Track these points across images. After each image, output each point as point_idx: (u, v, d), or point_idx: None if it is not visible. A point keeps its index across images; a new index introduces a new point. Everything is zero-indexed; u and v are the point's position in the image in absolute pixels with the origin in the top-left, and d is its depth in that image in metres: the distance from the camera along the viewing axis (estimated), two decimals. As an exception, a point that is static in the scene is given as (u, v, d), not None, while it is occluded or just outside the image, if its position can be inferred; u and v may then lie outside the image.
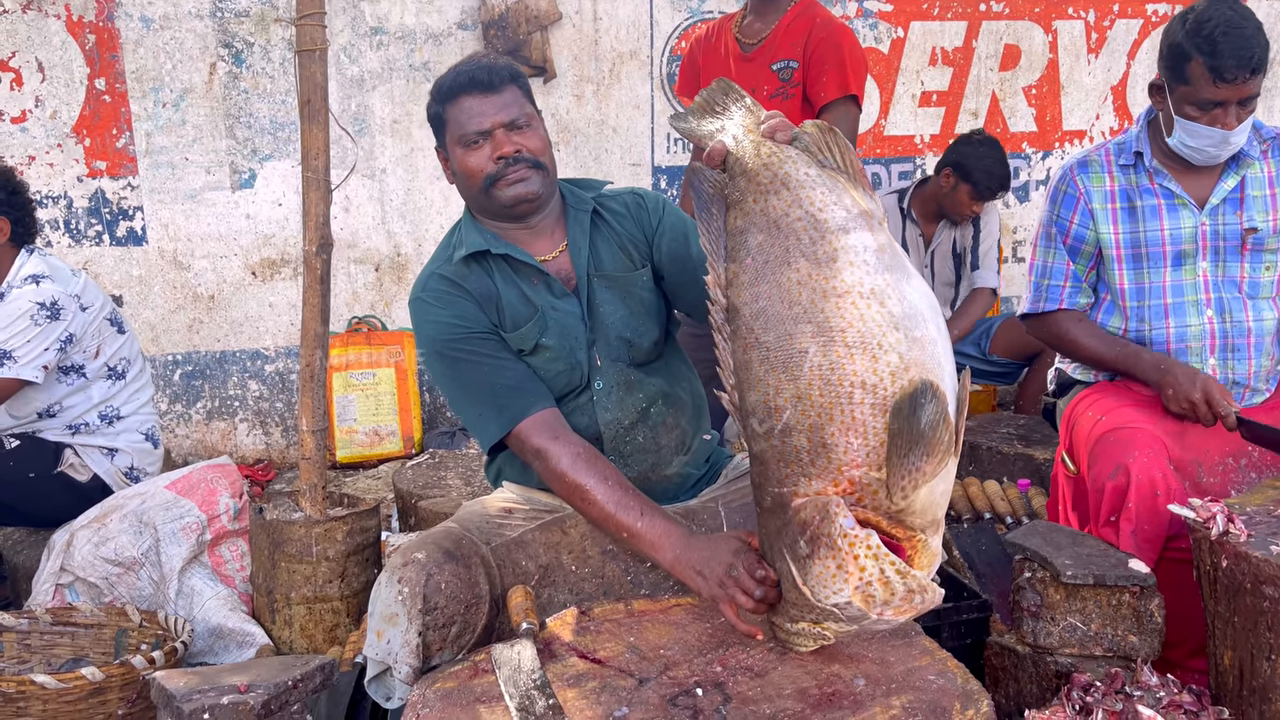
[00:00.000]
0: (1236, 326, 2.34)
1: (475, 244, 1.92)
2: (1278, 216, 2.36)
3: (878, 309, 1.44)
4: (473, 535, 1.85)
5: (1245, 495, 2.01)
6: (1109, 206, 2.38)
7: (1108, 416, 2.29)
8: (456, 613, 1.72)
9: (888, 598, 1.45)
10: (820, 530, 1.45)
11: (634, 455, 1.97)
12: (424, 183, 4.39)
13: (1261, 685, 1.80)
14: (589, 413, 1.95)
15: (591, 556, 1.94)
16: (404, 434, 4.31)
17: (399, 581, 1.71)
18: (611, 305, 1.96)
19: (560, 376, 1.93)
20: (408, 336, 4.38)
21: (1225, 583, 1.85)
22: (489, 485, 2.76)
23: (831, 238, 1.47)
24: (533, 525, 1.93)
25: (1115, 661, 2.03)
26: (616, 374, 1.96)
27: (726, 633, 1.70)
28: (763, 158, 1.55)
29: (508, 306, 1.92)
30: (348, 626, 2.59)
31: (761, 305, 1.49)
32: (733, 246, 1.54)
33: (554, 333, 1.92)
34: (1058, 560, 2.05)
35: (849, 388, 1.42)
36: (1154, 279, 2.37)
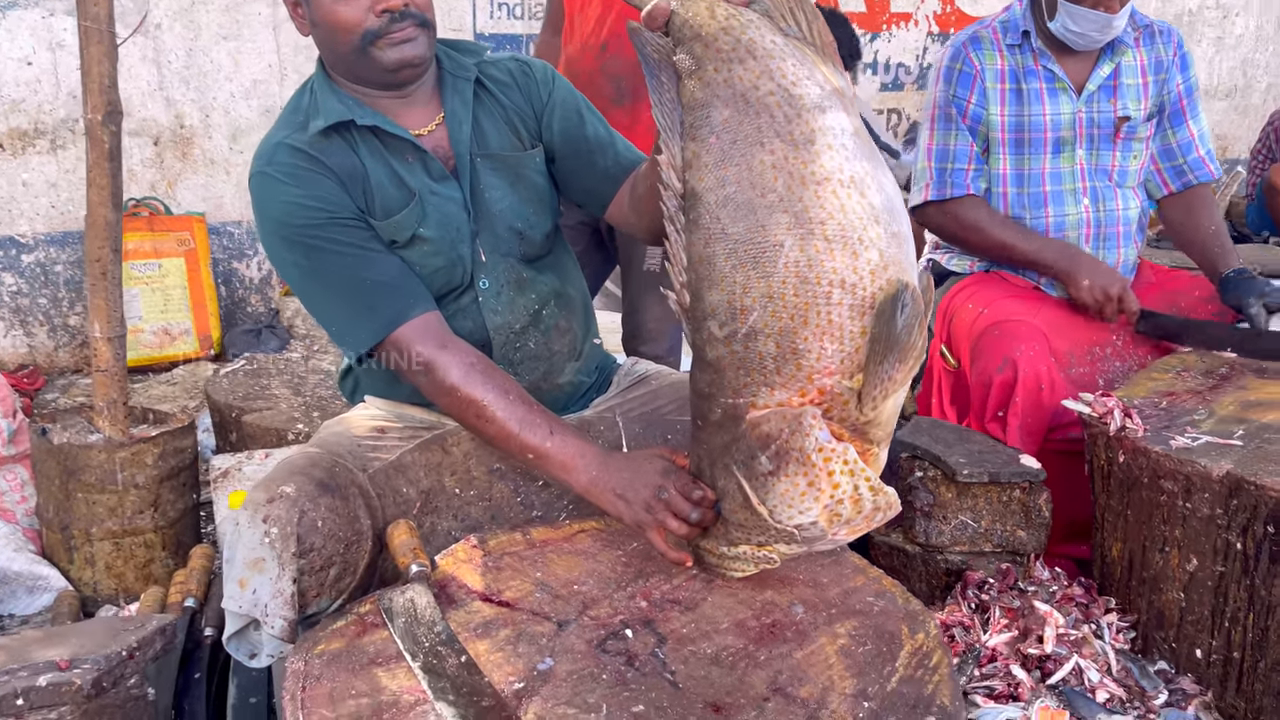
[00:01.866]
0: (1109, 215, 2.35)
1: (337, 113, 1.58)
2: (1148, 105, 2.36)
3: (858, 199, 1.27)
4: (345, 461, 1.58)
5: (1128, 387, 2.02)
6: (999, 86, 2.31)
7: (990, 309, 2.25)
8: (335, 553, 1.47)
9: (853, 516, 1.33)
10: (790, 444, 1.29)
11: (525, 363, 1.74)
12: (209, 42, 3.81)
13: (1153, 576, 1.83)
14: (474, 316, 1.69)
15: (477, 477, 1.72)
16: (200, 333, 3.83)
17: (265, 521, 1.42)
18: (499, 191, 1.69)
19: (439, 274, 1.65)
20: (197, 222, 3.86)
21: (1120, 477, 1.86)
22: (334, 399, 2.47)
23: (808, 116, 1.28)
24: (410, 445, 1.68)
25: (1003, 557, 2.03)
26: (505, 271, 1.71)
27: (644, 560, 1.54)
28: (720, 20, 1.32)
29: (378, 189, 1.61)
30: (165, 562, 2.25)
31: (729, 191, 1.28)
32: (691, 122, 1.32)
33: (433, 221, 1.63)
34: (950, 458, 2.00)
35: (827, 286, 1.26)
36: (1034, 166, 2.34)
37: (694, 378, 1.40)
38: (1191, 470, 1.71)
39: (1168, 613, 1.81)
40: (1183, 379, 2.06)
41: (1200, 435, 1.78)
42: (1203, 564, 1.74)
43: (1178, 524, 1.76)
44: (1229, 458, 1.70)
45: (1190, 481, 1.71)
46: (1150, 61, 2.36)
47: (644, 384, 1.87)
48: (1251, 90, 6.04)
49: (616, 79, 2.53)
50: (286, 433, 2.31)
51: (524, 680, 1.26)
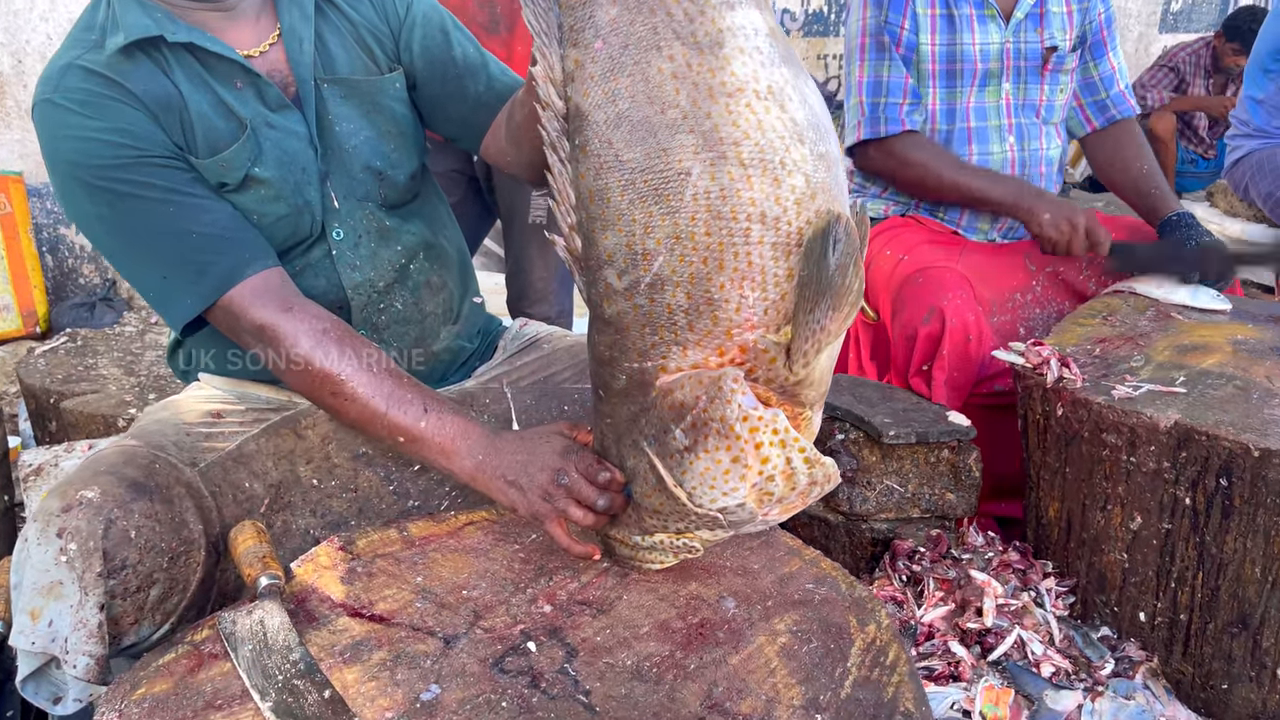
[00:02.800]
0: (1033, 154, 2.20)
1: (141, 27, 1.27)
2: (1073, 34, 2.22)
3: (778, 114, 1.04)
4: (169, 455, 1.29)
5: (1058, 334, 1.88)
6: (930, 11, 2.11)
7: (910, 256, 2.08)
8: (156, 568, 1.19)
9: (785, 493, 1.12)
10: (708, 414, 1.07)
11: (391, 327, 1.48)
12: (18, -23, 3.33)
13: (1093, 537, 1.70)
14: (327, 272, 1.42)
15: (338, 465, 1.45)
16: (22, 308, 3.39)
17: (60, 535, 1.13)
18: (352, 124, 1.41)
19: (282, 223, 1.36)
20: (14, 182, 3.40)
21: (1058, 432, 1.72)
22: (174, 379, 2.14)
23: (714, 14, 1.04)
24: (254, 431, 1.40)
25: (932, 522, 1.88)
26: (364, 219, 1.43)
27: (545, 555, 1.31)
28: None
29: (199, 120, 1.31)
30: (-29, 577, 1.90)
31: (622, 108, 1.04)
32: (572, 24, 1.07)
33: (271, 159, 1.34)
34: (875, 419, 1.83)
35: (745, 222, 1.03)
36: (963, 99, 2.17)
37: (592, 340, 1.17)
38: (1137, 421, 1.57)
39: (1109, 575, 1.69)
40: (1111, 324, 1.94)
41: (1141, 384, 1.65)
42: (1148, 522, 1.61)
43: (1121, 480, 1.63)
44: (1175, 407, 1.57)
45: (1135, 434, 1.58)
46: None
47: (535, 348, 1.63)
48: (1125, 39, 6.11)
49: (490, 4, 2.25)
50: (116, 419, 1.98)
51: (404, 714, 1.02)
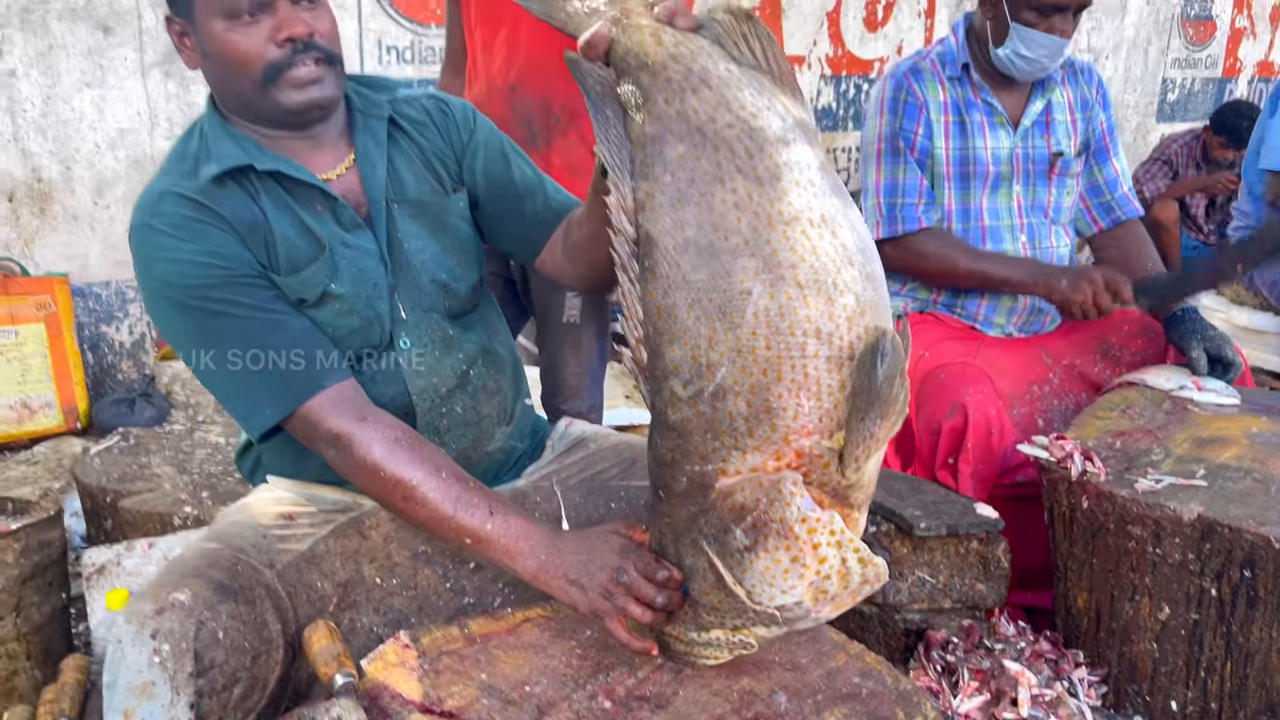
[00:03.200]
0: (1044, 252, 2.31)
1: (233, 157, 1.39)
2: (1077, 141, 2.35)
3: (830, 240, 1.14)
4: (249, 557, 1.37)
5: (1079, 428, 1.96)
6: (943, 118, 2.26)
7: (931, 351, 2.17)
8: (240, 667, 1.25)
9: (839, 591, 1.19)
10: (768, 515, 1.15)
11: (452, 430, 1.56)
12: (69, 89, 3.50)
13: (1123, 626, 1.75)
14: (394, 379, 1.51)
15: (399, 564, 1.52)
16: (64, 405, 3.48)
17: (154, 636, 1.20)
18: (419, 240, 1.51)
19: (354, 335, 1.46)
20: (59, 283, 3.52)
21: (1084, 524, 1.78)
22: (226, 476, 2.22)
23: (771, 150, 1.15)
24: (323, 532, 1.47)
25: (963, 612, 1.93)
26: (429, 329, 1.53)
27: (601, 651, 1.37)
28: (668, 48, 1.18)
29: (282, 241, 1.42)
30: (30, 674, 1.95)
31: (689, 235, 1.14)
32: (643, 160, 1.17)
33: (346, 276, 1.45)
34: (906, 512, 1.90)
35: (802, 337, 1.12)
36: (976, 200, 2.29)
37: (654, 443, 1.25)
38: (1161, 514, 1.64)
39: (1140, 664, 1.74)
40: (1129, 416, 2.01)
41: (1163, 477, 1.72)
42: (1175, 612, 1.67)
43: (1147, 571, 1.68)
44: (1197, 499, 1.64)
45: (1160, 526, 1.64)
46: (1076, 99, 2.36)
47: (581, 447, 1.71)
48: (1123, 130, 6.29)
49: (527, 120, 2.39)
50: (172, 517, 2.05)
51: (481, 811, 1.08)
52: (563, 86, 2.39)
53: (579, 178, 2.37)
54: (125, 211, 3.63)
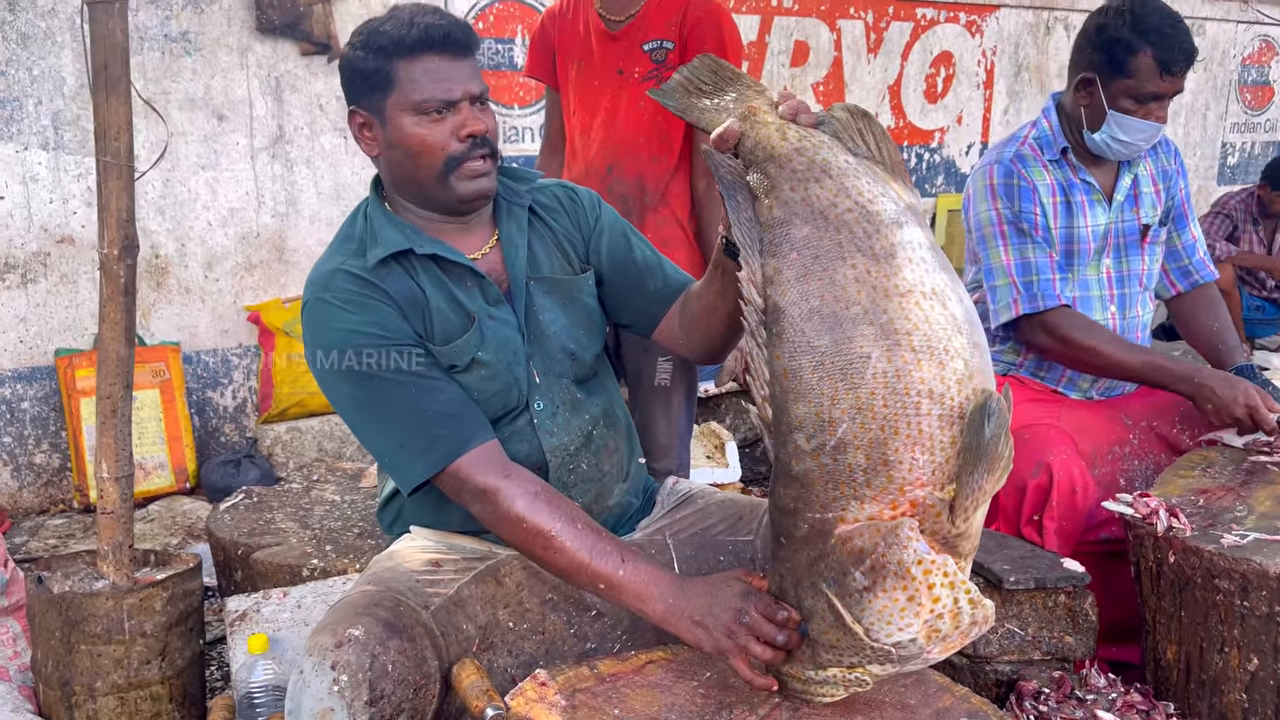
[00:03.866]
0: (1131, 321, 2.42)
1: (396, 242, 1.58)
2: (1160, 211, 2.46)
3: (941, 310, 1.28)
4: (407, 599, 1.51)
5: (1162, 486, 2.04)
6: (1051, 200, 2.37)
7: (1015, 413, 2.26)
8: (405, 699, 1.38)
9: (950, 631, 1.30)
10: (886, 558, 1.26)
11: (578, 485, 1.71)
12: (186, 172, 3.78)
13: (1213, 678, 1.81)
14: (529, 438, 1.66)
15: (529, 610, 1.65)
16: (175, 465, 3.70)
17: (333, 668, 1.34)
18: (552, 314, 1.68)
19: (496, 398, 1.62)
20: (171, 351, 3.76)
21: (1171, 578, 1.86)
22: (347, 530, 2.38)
23: (887, 232, 1.30)
24: (466, 578, 1.61)
25: (1053, 664, 2.00)
26: (560, 393, 1.69)
27: (721, 690, 1.48)
28: (792, 142, 1.35)
29: (437, 314, 1.59)
30: (171, 715, 2.11)
31: (814, 305, 1.29)
32: (771, 240, 1.33)
33: (491, 345, 1.61)
34: (995, 566, 1.99)
35: (916, 397, 1.25)
36: (1079, 274, 2.39)
37: (776, 493, 1.38)
38: (1247, 568, 1.71)
39: (1230, 714, 1.79)
40: (1210, 475, 2.09)
41: (1247, 532, 1.80)
42: (1264, 663, 1.73)
43: (1235, 623, 1.75)
44: (1282, 554, 1.71)
45: (1247, 579, 1.72)
46: (1158, 171, 2.48)
47: (690, 503, 1.83)
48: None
49: (623, 199, 2.56)
50: (300, 569, 2.20)
51: (629, 831, 1.19)
52: (654, 168, 2.57)
53: (672, 250, 2.53)
54: (233, 284, 3.89)
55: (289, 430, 3.85)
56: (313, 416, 3.93)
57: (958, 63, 5.36)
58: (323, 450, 3.88)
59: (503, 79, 4.28)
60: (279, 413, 3.91)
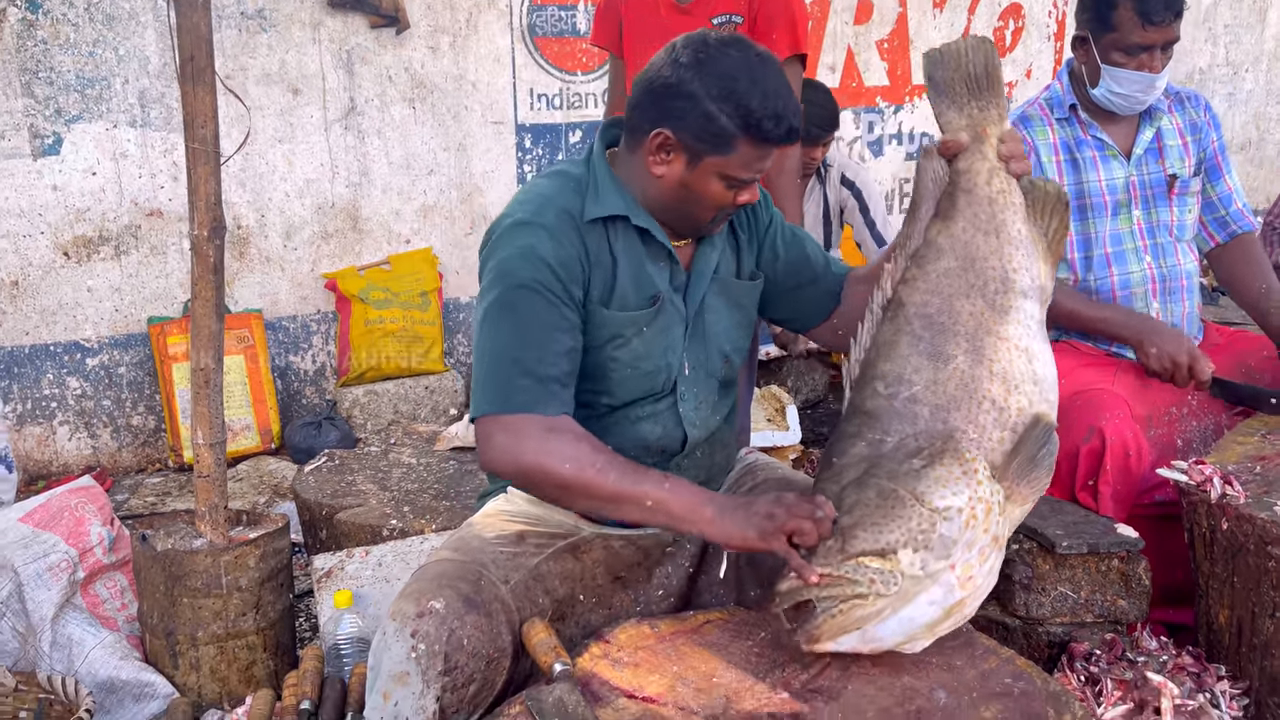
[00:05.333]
0: (1172, 270, 2.42)
1: (617, 207, 1.64)
2: (1191, 163, 2.46)
3: (1025, 362, 1.53)
4: (490, 573, 1.59)
5: (1219, 452, 2.05)
6: (1054, 159, 2.41)
7: (1068, 379, 2.28)
8: (477, 670, 1.48)
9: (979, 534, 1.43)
10: (944, 446, 1.46)
11: (689, 470, 1.78)
12: (264, 146, 3.92)
13: (1264, 642, 1.84)
14: (668, 424, 1.75)
15: (601, 585, 1.74)
16: (260, 427, 3.89)
17: (413, 636, 1.45)
18: (718, 314, 1.77)
19: (645, 378, 1.70)
20: (255, 319, 3.94)
21: (1224, 544, 1.88)
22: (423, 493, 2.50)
23: (1013, 296, 1.56)
24: (547, 553, 1.69)
25: (1105, 627, 2.05)
26: (705, 389, 1.78)
27: (775, 650, 1.56)
28: (990, 191, 1.58)
29: (622, 280, 1.66)
30: (265, 663, 2.27)
31: (930, 312, 1.55)
32: (923, 253, 1.59)
33: (659, 326, 1.69)
34: (1048, 531, 2.03)
35: (981, 397, 1.51)
36: (1097, 229, 2.42)
37: (840, 429, 1.56)
38: (1299, 536, 1.74)
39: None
40: (1270, 442, 2.09)
41: (1302, 500, 1.81)
42: (1316, 628, 1.76)
43: (1287, 589, 1.78)
44: (1335, 522, 1.73)
45: (1299, 547, 1.74)
46: (1185, 124, 2.48)
47: (751, 476, 1.92)
48: (1265, 143, 6.15)
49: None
50: (380, 529, 2.34)
51: (686, 778, 1.28)
52: None
53: None
54: (310, 253, 4.04)
55: (366, 393, 4.01)
56: (388, 380, 4.08)
57: (1027, 14, 5.25)
58: (398, 412, 4.03)
59: (565, 45, 4.33)
60: (356, 376, 4.06)
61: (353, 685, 1.93)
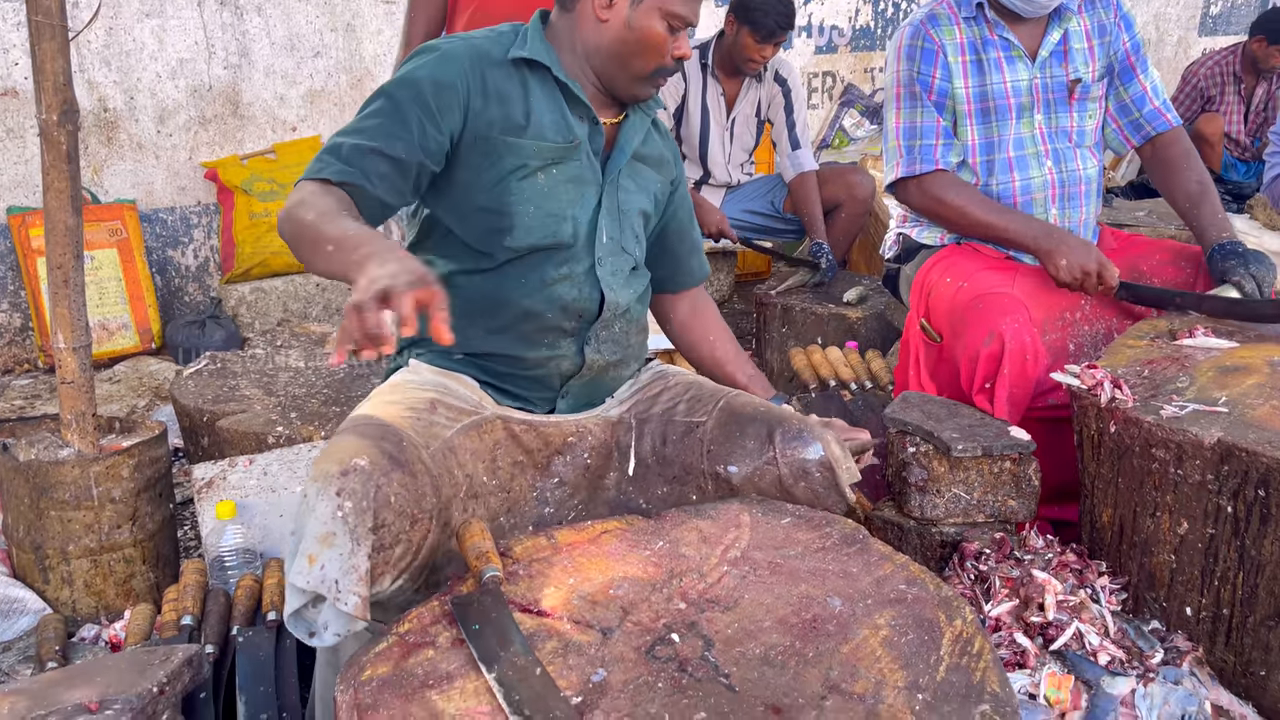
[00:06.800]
0: (1071, 175, 2.42)
1: (537, 53, 1.70)
2: (1096, 67, 2.44)
3: None
4: (410, 436, 1.53)
5: (1109, 356, 2.08)
6: (960, 59, 2.37)
7: (969, 283, 2.29)
8: (403, 531, 1.42)
9: None
10: None
11: (608, 343, 1.82)
12: (130, 21, 3.61)
13: (1144, 540, 1.90)
14: (584, 288, 1.76)
15: (501, 468, 1.71)
16: (139, 326, 3.68)
17: (338, 494, 1.35)
18: (630, 195, 1.82)
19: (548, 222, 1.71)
20: (128, 210, 3.69)
21: (1111, 446, 1.92)
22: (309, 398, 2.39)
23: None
24: (456, 428, 1.65)
25: (995, 526, 2.09)
26: (620, 262, 1.81)
27: (673, 559, 1.54)
28: None
29: (538, 115, 1.69)
30: (145, 576, 2.17)
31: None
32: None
33: (569, 172, 1.71)
34: (944, 434, 2.05)
35: None
36: (1001, 133, 2.40)
37: None
38: (1183, 439, 1.77)
39: (1159, 574, 1.89)
40: (1158, 346, 2.13)
41: (1186, 404, 1.85)
42: (1193, 527, 1.82)
43: (1169, 490, 1.83)
44: (1217, 425, 1.77)
45: (1182, 449, 1.78)
46: (1094, 26, 2.45)
47: (661, 381, 1.93)
48: (1164, 44, 6.23)
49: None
50: (265, 436, 2.23)
51: (580, 694, 1.26)
52: None
53: None
54: (187, 139, 3.78)
55: (253, 291, 3.83)
56: (276, 277, 3.90)
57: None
58: (288, 311, 3.87)
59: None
60: (242, 273, 3.87)
61: (238, 598, 1.86)
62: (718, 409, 1.80)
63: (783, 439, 1.74)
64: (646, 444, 1.79)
